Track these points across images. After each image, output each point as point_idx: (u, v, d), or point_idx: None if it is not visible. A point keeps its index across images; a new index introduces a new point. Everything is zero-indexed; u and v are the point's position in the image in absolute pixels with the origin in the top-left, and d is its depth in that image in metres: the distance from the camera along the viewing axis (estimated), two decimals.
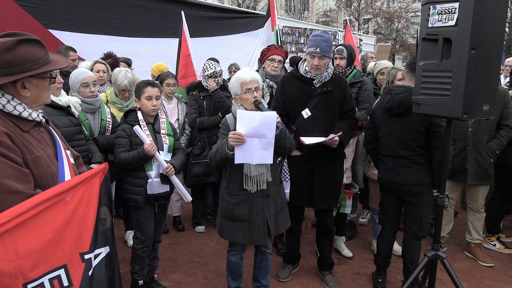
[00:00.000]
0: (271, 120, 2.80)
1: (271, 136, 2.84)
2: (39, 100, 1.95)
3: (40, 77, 1.90)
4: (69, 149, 2.18)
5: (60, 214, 1.76)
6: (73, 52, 4.97)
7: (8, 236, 1.56)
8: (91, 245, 1.88)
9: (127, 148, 3.26)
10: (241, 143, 2.79)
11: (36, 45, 1.87)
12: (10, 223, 1.56)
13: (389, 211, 3.64)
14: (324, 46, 3.36)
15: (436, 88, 2.71)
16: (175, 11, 7.02)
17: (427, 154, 3.34)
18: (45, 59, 1.89)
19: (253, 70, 3.21)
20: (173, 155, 3.46)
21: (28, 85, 1.87)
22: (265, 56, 4.47)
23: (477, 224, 4.38)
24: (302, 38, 12.54)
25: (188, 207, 5.52)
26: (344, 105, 3.58)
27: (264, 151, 2.87)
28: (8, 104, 1.83)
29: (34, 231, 1.64)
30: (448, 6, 2.60)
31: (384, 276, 3.79)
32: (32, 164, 1.82)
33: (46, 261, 1.68)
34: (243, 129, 2.78)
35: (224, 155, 2.85)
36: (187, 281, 3.86)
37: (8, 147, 1.74)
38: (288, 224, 3.31)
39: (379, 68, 5.05)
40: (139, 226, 3.38)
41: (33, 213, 1.64)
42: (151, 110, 3.33)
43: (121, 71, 4.01)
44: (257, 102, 2.95)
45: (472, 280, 3.96)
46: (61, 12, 6.54)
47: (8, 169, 1.71)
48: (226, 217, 3.14)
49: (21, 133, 1.84)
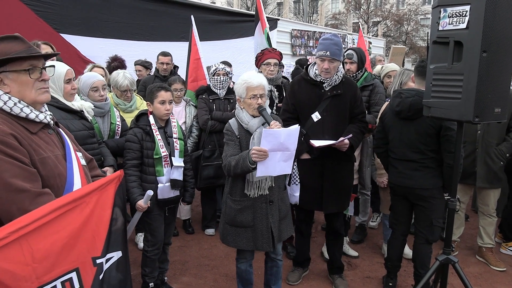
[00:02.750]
0: (295, 133, 2.80)
1: (294, 148, 2.84)
2: (24, 96, 1.91)
3: (16, 71, 1.88)
4: (80, 151, 2.20)
5: (76, 220, 1.78)
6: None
7: (25, 240, 1.58)
8: (103, 250, 1.91)
9: (137, 154, 3.28)
10: (265, 158, 2.78)
11: (15, 41, 1.89)
12: (27, 228, 1.59)
13: (399, 215, 3.62)
14: (334, 49, 3.37)
15: (447, 91, 2.70)
16: (185, 15, 7.07)
17: (437, 158, 3.32)
18: (19, 52, 1.87)
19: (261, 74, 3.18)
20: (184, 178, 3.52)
21: (6, 80, 1.88)
22: (260, 61, 4.44)
23: (489, 228, 4.34)
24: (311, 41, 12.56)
25: (197, 210, 5.54)
26: (354, 108, 3.58)
27: (285, 162, 2.87)
28: (15, 107, 1.86)
29: (50, 235, 1.67)
30: (459, 9, 2.59)
31: (395, 280, 3.77)
32: (39, 165, 1.86)
33: (60, 265, 1.70)
34: (268, 146, 2.74)
35: (246, 169, 2.83)
36: (197, 284, 3.87)
37: (15, 148, 1.78)
38: (291, 231, 3.27)
39: (386, 71, 5.01)
40: (149, 229, 3.40)
41: (49, 218, 1.67)
42: (164, 115, 3.34)
43: (119, 73, 4.04)
44: (261, 109, 2.93)
45: (484, 284, 3.92)
46: (72, 16, 6.64)
47: (15, 169, 1.74)
48: (229, 223, 3.10)
49: (29, 135, 1.88)
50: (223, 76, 4.75)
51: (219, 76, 4.74)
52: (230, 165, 2.92)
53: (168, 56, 5.64)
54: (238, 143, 3.02)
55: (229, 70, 4.90)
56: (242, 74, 3.09)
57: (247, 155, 2.80)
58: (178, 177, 3.39)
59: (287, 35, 11.95)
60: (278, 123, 2.88)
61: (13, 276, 1.55)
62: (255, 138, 2.94)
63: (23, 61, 1.88)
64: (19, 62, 1.87)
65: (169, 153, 3.33)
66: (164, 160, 3.30)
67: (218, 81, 4.74)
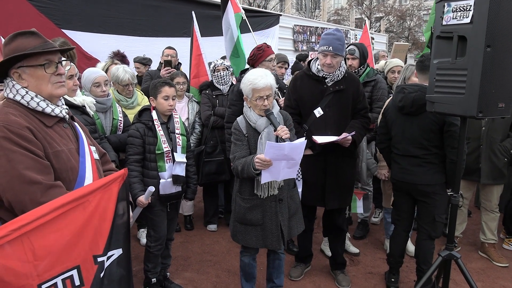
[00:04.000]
0: (301, 147, 2.76)
1: (299, 158, 2.81)
2: (41, 90, 1.97)
3: (32, 66, 1.93)
4: (94, 145, 2.25)
5: (78, 218, 1.78)
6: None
7: (27, 238, 1.59)
8: (105, 248, 1.91)
9: (139, 149, 3.28)
10: (268, 167, 2.76)
11: (32, 36, 1.93)
12: (29, 226, 1.60)
13: (402, 211, 3.62)
14: (337, 44, 3.35)
15: (451, 86, 2.68)
16: (186, 11, 7.05)
17: (440, 154, 3.31)
18: (35, 48, 1.92)
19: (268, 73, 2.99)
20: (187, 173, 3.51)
21: (24, 75, 1.94)
22: (261, 58, 4.08)
23: (491, 224, 4.33)
24: (313, 37, 12.51)
25: (200, 206, 5.54)
26: (357, 103, 3.57)
27: (290, 169, 2.85)
28: (32, 101, 1.93)
29: (52, 233, 1.68)
30: (463, 3, 2.57)
31: (397, 276, 3.77)
32: (53, 158, 1.91)
33: (61, 262, 1.71)
34: (271, 156, 2.71)
35: (251, 175, 2.84)
36: (200, 279, 3.88)
37: (30, 140, 1.83)
38: (301, 227, 3.27)
39: (390, 67, 5.02)
40: (152, 224, 3.40)
41: (52, 217, 1.67)
42: (167, 110, 3.34)
43: (118, 69, 4.03)
44: (268, 113, 2.90)
45: (486, 280, 3.92)
46: (74, 12, 6.64)
47: (28, 161, 1.80)
48: (239, 221, 3.10)
49: (44, 128, 1.94)
50: (223, 71, 4.74)
51: (219, 72, 4.73)
52: (237, 170, 2.92)
53: (173, 50, 5.69)
54: (247, 143, 3.00)
55: (228, 65, 4.89)
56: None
57: (251, 162, 2.79)
58: (180, 172, 3.40)
59: (289, 31, 11.90)
60: (285, 128, 2.84)
61: (14, 273, 1.55)
62: (263, 137, 2.92)
63: (39, 56, 1.93)
64: (35, 57, 1.93)
65: (171, 148, 3.33)
66: (166, 155, 3.31)
67: (219, 77, 4.74)
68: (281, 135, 2.81)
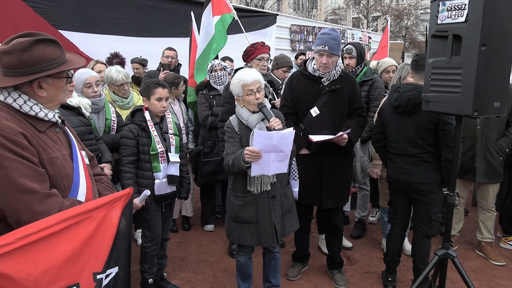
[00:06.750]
0: (289, 137, 2.79)
1: (288, 150, 2.84)
2: (55, 99, 1.94)
3: (56, 77, 1.89)
4: (84, 150, 2.17)
5: (82, 234, 1.74)
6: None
7: (30, 249, 1.55)
8: (104, 266, 1.86)
9: (132, 150, 3.27)
10: (258, 159, 2.78)
11: (53, 45, 1.87)
12: (33, 236, 1.55)
13: (398, 210, 3.62)
14: (333, 44, 3.35)
15: (446, 85, 2.68)
16: (184, 11, 7.06)
17: (436, 152, 3.31)
18: (61, 58, 1.89)
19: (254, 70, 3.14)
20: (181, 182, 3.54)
21: (45, 85, 1.87)
22: (252, 55, 4.11)
23: (488, 223, 4.34)
24: (310, 37, 12.51)
25: (197, 206, 5.53)
26: (353, 103, 3.57)
27: (280, 162, 2.87)
28: (24, 105, 1.83)
29: (55, 247, 1.63)
30: (458, 2, 2.57)
31: (394, 275, 3.77)
32: (48, 164, 1.82)
33: (62, 278, 1.66)
34: (259, 147, 2.74)
35: (241, 169, 2.85)
36: (197, 280, 3.87)
37: (24, 147, 1.74)
38: (296, 226, 3.28)
39: (384, 67, 4.94)
40: (147, 224, 3.40)
41: (56, 229, 1.63)
42: (160, 111, 3.33)
43: (111, 70, 4.02)
44: (261, 105, 2.93)
45: (483, 279, 3.92)
46: (70, 12, 6.63)
47: (24, 169, 1.71)
48: (233, 219, 3.12)
49: (37, 133, 1.84)
50: (220, 71, 4.73)
51: (217, 72, 4.73)
52: (229, 164, 2.95)
53: (173, 50, 5.71)
54: (239, 140, 3.03)
55: (225, 65, 4.88)
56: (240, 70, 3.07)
57: (241, 154, 2.81)
58: (175, 172, 3.40)
59: (286, 30, 11.91)
60: (277, 120, 2.87)
61: (14, 284, 1.50)
62: (254, 134, 2.94)
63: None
64: (59, 68, 1.88)
65: (165, 149, 3.33)
66: (160, 156, 3.30)
67: (216, 77, 4.73)
68: (274, 125, 2.84)
